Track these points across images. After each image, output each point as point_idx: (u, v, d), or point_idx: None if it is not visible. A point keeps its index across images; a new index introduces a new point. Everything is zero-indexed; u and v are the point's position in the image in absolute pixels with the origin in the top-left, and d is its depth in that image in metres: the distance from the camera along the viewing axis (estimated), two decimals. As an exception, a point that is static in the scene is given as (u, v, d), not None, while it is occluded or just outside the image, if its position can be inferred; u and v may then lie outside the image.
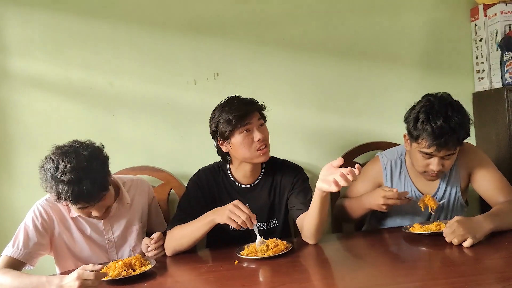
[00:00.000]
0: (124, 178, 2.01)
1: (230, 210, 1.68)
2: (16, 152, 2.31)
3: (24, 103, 2.31)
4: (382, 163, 2.03)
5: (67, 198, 1.63)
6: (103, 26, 2.33)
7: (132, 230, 1.94)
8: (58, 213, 1.84)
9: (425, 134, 1.76)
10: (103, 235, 1.89)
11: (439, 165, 1.82)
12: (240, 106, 1.84)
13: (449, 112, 1.76)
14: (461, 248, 1.62)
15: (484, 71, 2.36)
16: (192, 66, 2.38)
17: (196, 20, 2.36)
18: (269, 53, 2.40)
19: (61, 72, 2.33)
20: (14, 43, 2.30)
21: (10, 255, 1.73)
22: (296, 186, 1.96)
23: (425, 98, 1.85)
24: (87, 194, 1.63)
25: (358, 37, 2.43)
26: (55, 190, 1.64)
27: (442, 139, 1.74)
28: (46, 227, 1.81)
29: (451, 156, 1.82)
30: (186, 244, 1.82)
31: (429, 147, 1.78)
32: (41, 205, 1.83)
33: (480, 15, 2.35)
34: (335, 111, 2.46)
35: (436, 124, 1.74)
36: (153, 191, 2.09)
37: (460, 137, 1.77)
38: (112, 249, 1.91)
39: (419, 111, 1.81)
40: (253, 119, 1.84)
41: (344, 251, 1.90)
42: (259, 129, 1.84)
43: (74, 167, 1.62)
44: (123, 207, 1.91)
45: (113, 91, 2.35)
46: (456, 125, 1.75)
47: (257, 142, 1.83)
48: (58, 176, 1.62)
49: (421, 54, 2.46)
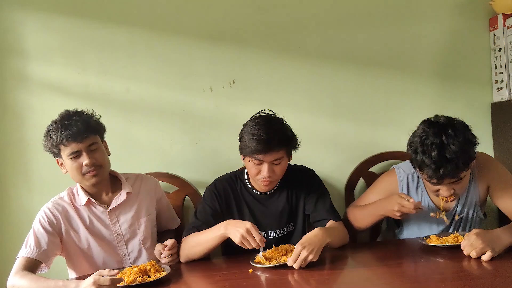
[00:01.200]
0: (129, 174, 2.05)
1: (243, 236, 1.69)
2: (33, 156, 2.34)
3: (42, 108, 2.34)
4: (398, 177, 2.00)
5: (58, 135, 1.78)
6: (121, 33, 2.36)
7: (141, 223, 1.96)
8: (64, 212, 1.88)
9: (424, 167, 1.74)
10: (110, 229, 1.91)
11: (448, 191, 1.79)
12: (261, 141, 1.79)
13: (444, 140, 1.70)
14: (479, 262, 1.60)
15: (503, 81, 2.34)
16: (208, 74, 2.39)
17: (213, 28, 2.38)
18: (285, 62, 2.41)
19: (79, 77, 2.36)
20: (34, 49, 2.34)
21: (25, 256, 1.76)
22: (312, 191, 1.98)
23: (421, 126, 1.80)
24: (75, 129, 1.79)
25: (375, 46, 2.42)
26: (52, 134, 1.80)
27: (439, 172, 1.70)
28: (54, 226, 1.84)
29: (459, 181, 1.78)
30: (199, 253, 1.83)
31: (431, 179, 1.76)
32: (47, 207, 1.88)
33: (499, 25, 2.33)
34: (351, 120, 2.45)
35: (431, 156, 1.69)
36: (161, 188, 2.12)
37: (459, 165, 1.70)
38: (121, 243, 1.92)
39: (416, 141, 1.77)
40: (268, 157, 1.82)
41: (358, 262, 1.88)
42: (269, 166, 1.84)
43: (68, 113, 1.86)
44: (125, 196, 1.92)
45: (129, 97, 2.37)
46: (452, 154, 1.68)
47: (262, 176, 1.85)
48: (54, 122, 1.84)
49: (439, 64, 2.44)
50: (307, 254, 1.65)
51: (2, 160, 2.33)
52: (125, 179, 1.98)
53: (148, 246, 1.96)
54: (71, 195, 1.92)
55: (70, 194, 1.92)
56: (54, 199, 1.92)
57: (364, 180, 2.40)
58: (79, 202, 1.89)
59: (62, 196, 1.93)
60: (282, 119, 1.91)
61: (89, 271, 1.84)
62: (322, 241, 1.72)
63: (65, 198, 1.91)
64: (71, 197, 1.91)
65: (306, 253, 1.65)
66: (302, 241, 1.69)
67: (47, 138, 1.84)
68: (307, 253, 1.65)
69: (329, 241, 1.76)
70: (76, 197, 1.91)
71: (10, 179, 2.34)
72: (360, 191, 2.42)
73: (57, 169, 2.29)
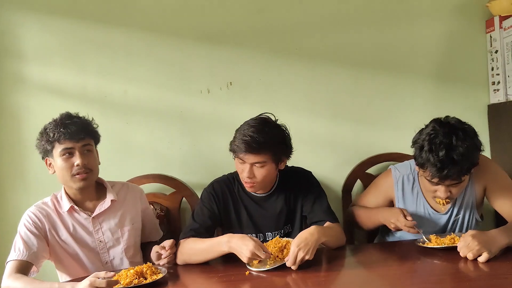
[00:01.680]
0: (114, 182, 2.03)
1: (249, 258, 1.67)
2: (30, 158, 2.34)
3: (39, 110, 2.33)
4: (394, 177, 2.01)
5: (55, 132, 1.80)
6: (119, 34, 2.36)
7: (124, 231, 1.94)
8: (48, 216, 1.86)
9: (428, 165, 1.73)
10: (93, 236, 1.89)
11: (446, 192, 1.79)
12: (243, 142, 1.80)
13: (453, 141, 1.71)
14: (476, 263, 1.60)
15: (500, 83, 2.34)
16: (206, 75, 2.40)
17: (210, 30, 2.38)
18: (282, 63, 2.41)
19: (77, 79, 2.36)
20: (32, 50, 2.34)
21: (15, 259, 1.75)
22: (309, 193, 1.97)
23: (431, 125, 1.80)
24: (73, 128, 1.81)
25: (372, 48, 2.42)
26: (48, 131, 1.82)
27: (443, 172, 1.70)
28: (39, 229, 1.83)
29: (458, 184, 1.78)
30: (198, 261, 1.83)
31: (432, 178, 1.76)
32: (30, 211, 1.87)
33: (496, 27, 2.34)
34: (348, 122, 2.45)
35: (438, 155, 1.69)
36: (146, 198, 2.09)
37: (463, 168, 1.72)
38: (103, 250, 1.91)
39: (424, 138, 1.76)
40: (249, 158, 1.82)
41: (355, 263, 1.87)
42: (251, 167, 1.83)
43: (67, 114, 1.89)
44: (109, 203, 1.91)
45: (127, 99, 2.38)
46: (460, 156, 1.69)
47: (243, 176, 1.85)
48: (54, 120, 1.85)
49: (436, 66, 2.44)
50: (303, 254, 1.66)
51: (-1, 162, 2.33)
52: (111, 187, 1.96)
53: (131, 255, 1.93)
54: (54, 201, 1.90)
55: (53, 200, 1.90)
56: (37, 203, 1.90)
57: (361, 181, 2.40)
58: (63, 208, 1.87)
59: (45, 201, 1.91)
60: (279, 125, 1.90)
61: (80, 273, 1.84)
62: (317, 240, 1.72)
63: (49, 203, 1.89)
64: (55, 202, 1.89)
65: (302, 254, 1.66)
66: (297, 242, 1.69)
67: (42, 135, 1.85)
68: (303, 254, 1.66)
69: (324, 240, 1.76)
70: (60, 202, 1.89)
71: (7, 180, 2.34)
72: (357, 193, 2.43)
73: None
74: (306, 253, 1.66)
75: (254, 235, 1.94)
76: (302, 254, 1.65)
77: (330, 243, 1.84)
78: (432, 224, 1.95)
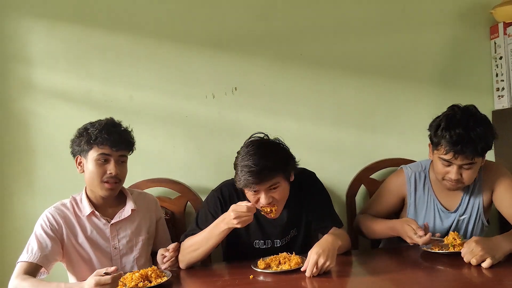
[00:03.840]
0: (132, 190, 2.05)
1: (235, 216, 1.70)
2: (38, 162, 2.35)
3: (46, 115, 2.35)
4: (406, 175, 2.04)
5: (99, 135, 1.81)
6: (124, 40, 2.38)
7: (138, 240, 1.95)
8: (66, 218, 1.88)
9: (444, 141, 1.79)
10: (109, 242, 1.91)
11: (457, 174, 1.82)
12: (250, 174, 1.72)
13: (470, 122, 1.77)
14: (479, 269, 1.60)
15: (504, 89, 2.35)
16: (211, 81, 2.41)
17: (215, 36, 2.40)
18: (287, 69, 2.42)
19: (83, 84, 2.37)
20: (38, 56, 2.36)
21: (26, 261, 1.76)
22: (315, 197, 1.97)
23: (450, 107, 1.88)
24: (117, 136, 1.83)
25: (376, 54, 2.44)
26: (90, 132, 1.83)
27: (458, 146, 1.75)
28: (55, 232, 1.85)
29: (470, 166, 1.81)
30: (200, 255, 1.82)
31: (447, 153, 1.79)
32: (49, 212, 1.88)
33: (500, 33, 2.34)
34: (352, 127, 2.46)
35: (455, 131, 1.76)
36: (160, 208, 2.11)
37: (478, 147, 1.76)
38: (117, 257, 1.92)
39: (441, 119, 1.84)
40: (262, 186, 1.76)
41: (360, 269, 1.88)
42: (267, 192, 1.78)
43: (112, 121, 1.91)
44: (129, 212, 1.93)
45: (133, 104, 2.39)
46: (476, 135, 1.75)
47: (261, 203, 1.81)
48: (96, 122, 1.87)
49: (440, 72, 2.45)
50: (324, 261, 1.64)
51: (7, 167, 2.34)
52: (130, 194, 1.98)
53: (142, 264, 1.94)
54: (74, 203, 1.92)
55: (73, 202, 1.92)
56: (56, 204, 1.92)
57: (365, 186, 2.40)
58: (83, 212, 1.89)
59: (65, 202, 1.93)
60: (275, 142, 1.85)
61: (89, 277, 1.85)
62: (335, 246, 1.71)
63: (68, 205, 1.91)
64: (74, 205, 1.91)
65: (323, 260, 1.64)
66: (316, 250, 1.67)
67: (82, 133, 1.86)
68: (324, 260, 1.64)
69: (340, 244, 1.75)
70: (79, 205, 1.91)
71: (14, 185, 2.35)
72: (361, 198, 2.43)
73: (61, 175, 2.34)
74: (327, 259, 1.65)
75: (262, 242, 1.94)
76: (323, 260, 1.64)
77: (341, 248, 1.83)
78: (440, 222, 1.98)
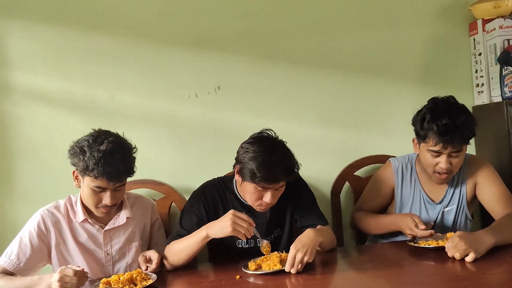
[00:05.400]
0: (129, 194, 2.01)
1: (233, 222, 1.66)
2: (17, 165, 2.31)
3: (25, 117, 2.31)
4: (393, 166, 2.09)
5: (95, 167, 1.67)
6: (104, 40, 2.35)
7: (132, 247, 1.93)
8: (57, 224, 1.84)
9: (431, 133, 1.83)
10: (101, 247, 1.88)
11: (447, 162, 1.86)
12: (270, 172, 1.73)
13: (453, 112, 1.83)
14: (463, 263, 1.62)
15: (484, 85, 2.38)
16: (193, 80, 2.39)
17: (197, 34, 2.38)
18: (270, 67, 2.42)
19: (63, 85, 2.34)
20: (16, 57, 2.31)
21: (2, 265, 1.75)
22: (299, 196, 1.97)
23: (430, 101, 1.93)
24: (114, 170, 1.69)
25: (358, 52, 2.45)
26: (88, 158, 1.68)
27: (447, 136, 1.80)
28: (43, 238, 1.81)
29: (458, 153, 1.86)
30: (183, 259, 1.81)
31: (436, 145, 1.83)
32: (41, 215, 1.84)
33: (479, 30, 2.38)
34: (336, 125, 2.47)
35: (442, 122, 1.81)
36: (157, 212, 2.08)
37: (464, 134, 1.83)
38: (109, 263, 1.89)
39: (425, 112, 1.88)
40: (274, 186, 1.77)
41: (346, 265, 1.89)
42: (273, 192, 1.79)
43: (112, 141, 1.73)
44: (124, 220, 1.89)
45: (114, 104, 2.36)
46: (460, 123, 1.81)
47: (264, 202, 1.80)
48: (95, 145, 1.70)
49: (420, 69, 2.48)
50: (302, 256, 1.64)
51: (-15, 170, 2.30)
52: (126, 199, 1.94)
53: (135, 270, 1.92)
54: (68, 206, 1.87)
55: (67, 205, 1.87)
56: (50, 206, 1.86)
57: (349, 184, 2.42)
58: (76, 218, 1.85)
59: (59, 204, 1.87)
60: (285, 143, 1.86)
61: None
62: (315, 241, 1.71)
63: (61, 207, 1.86)
64: (68, 209, 1.86)
65: (301, 255, 1.64)
66: (295, 244, 1.67)
67: (78, 154, 1.72)
68: (302, 255, 1.64)
69: (321, 240, 1.75)
70: (74, 208, 1.86)
71: (-7, 188, 2.31)
72: (346, 195, 2.44)
73: (42, 178, 2.30)
74: (305, 254, 1.65)
75: (245, 241, 1.92)
76: (301, 255, 1.64)
77: (324, 245, 1.84)
78: (425, 213, 2.02)
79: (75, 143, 1.77)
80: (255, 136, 1.85)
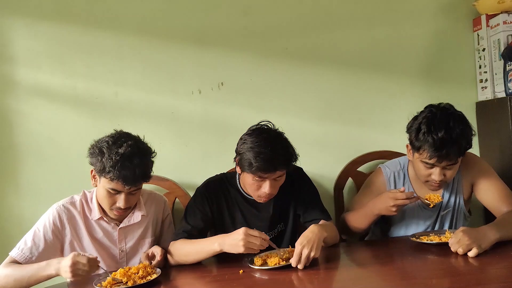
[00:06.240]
0: (143, 191, 2.00)
1: (246, 242, 1.65)
2: (22, 161, 2.33)
3: (30, 113, 2.33)
4: (385, 175, 2.04)
5: (112, 170, 1.66)
6: (108, 37, 2.36)
7: (145, 243, 1.94)
8: (72, 220, 1.84)
9: (427, 145, 1.77)
10: (116, 244, 1.89)
11: (440, 175, 1.83)
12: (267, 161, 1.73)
13: (450, 123, 1.77)
14: (466, 258, 1.62)
15: (487, 80, 2.38)
16: (197, 76, 2.40)
17: (200, 31, 2.39)
18: (273, 63, 2.42)
19: (67, 82, 2.35)
20: (21, 54, 2.33)
21: (14, 257, 1.76)
22: (303, 191, 1.97)
23: (427, 109, 1.86)
24: (131, 174, 1.68)
25: (361, 48, 2.45)
26: (105, 160, 1.68)
27: (443, 151, 1.75)
28: (57, 233, 1.82)
29: (453, 166, 1.82)
30: (190, 262, 1.82)
31: (431, 158, 1.79)
32: (56, 210, 1.83)
33: (483, 25, 2.37)
34: (338, 121, 2.47)
35: (438, 135, 1.75)
36: (169, 208, 2.09)
37: (461, 147, 1.78)
38: (123, 259, 1.91)
39: (421, 121, 1.81)
40: (271, 175, 1.78)
41: (348, 261, 1.90)
42: (271, 182, 1.80)
43: (132, 145, 1.72)
44: (139, 218, 1.90)
45: (118, 101, 2.37)
46: (457, 136, 1.75)
47: (263, 192, 1.81)
48: (114, 147, 1.70)
49: (423, 64, 2.47)
50: (308, 251, 1.64)
51: (-10, 166, 2.32)
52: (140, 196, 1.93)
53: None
54: (84, 203, 1.87)
55: (83, 201, 1.87)
56: (66, 201, 1.86)
57: (352, 179, 2.42)
58: (91, 215, 1.85)
59: (75, 200, 1.87)
60: (283, 134, 1.86)
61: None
62: (320, 236, 1.70)
63: (77, 204, 1.86)
64: (84, 205, 1.87)
65: (307, 251, 1.64)
66: (301, 240, 1.68)
67: (98, 157, 1.71)
68: (308, 250, 1.64)
69: (326, 235, 1.74)
70: (90, 205, 1.87)
71: (-1, 185, 2.33)
72: (349, 191, 2.45)
73: (46, 173, 2.32)
74: (311, 249, 1.65)
75: None
76: (307, 251, 1.64)
77: (328, 240, 1.83)
78: (421, 219, 1.99)
79: (96, 142, 1.77)
80: (253, 127, 1.87)
